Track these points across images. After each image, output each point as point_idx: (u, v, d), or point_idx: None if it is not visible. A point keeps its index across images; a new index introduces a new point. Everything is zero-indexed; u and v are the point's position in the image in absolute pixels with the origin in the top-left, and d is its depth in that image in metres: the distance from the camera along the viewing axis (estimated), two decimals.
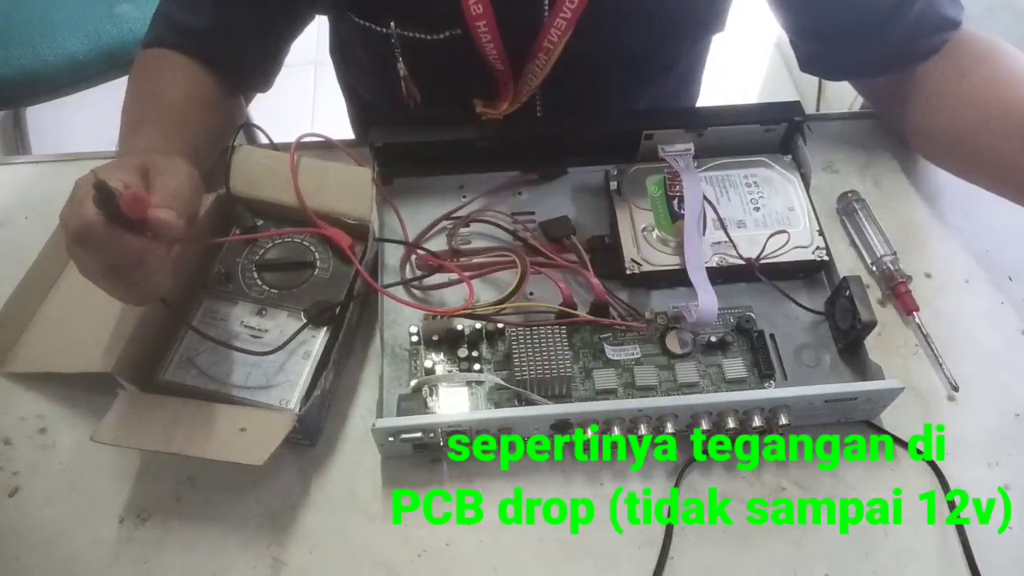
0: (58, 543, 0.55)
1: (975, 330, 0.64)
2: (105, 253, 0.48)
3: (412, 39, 0.66)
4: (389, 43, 0.67)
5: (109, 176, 0.46)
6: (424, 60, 0.68)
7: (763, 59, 1.89)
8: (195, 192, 0.52)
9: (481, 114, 0.70)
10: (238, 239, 0.63)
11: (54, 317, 0.62)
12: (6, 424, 0.60)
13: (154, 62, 0.68)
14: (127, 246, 0.47)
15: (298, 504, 0.56)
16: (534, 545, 0.54)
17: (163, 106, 0.65)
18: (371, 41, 0.68)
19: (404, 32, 0.66)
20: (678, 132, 0.68)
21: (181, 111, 0.65)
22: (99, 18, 1.20)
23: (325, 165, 0.64)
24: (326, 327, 0.59)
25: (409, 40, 0.66)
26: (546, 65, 0.66)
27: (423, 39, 0.66)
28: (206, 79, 0.68)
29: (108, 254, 0.48)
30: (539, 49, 0.65)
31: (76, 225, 0.46)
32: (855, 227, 0.69)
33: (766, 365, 0.60)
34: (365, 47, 0.74)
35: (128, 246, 0.47)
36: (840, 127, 0.77)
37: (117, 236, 0.46)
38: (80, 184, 0.49)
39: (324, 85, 1.91)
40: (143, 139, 0.61)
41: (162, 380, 0.57)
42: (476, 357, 0.60)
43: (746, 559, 0.54)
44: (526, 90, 0.69)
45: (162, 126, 0.63)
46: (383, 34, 0.67)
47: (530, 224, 0.67)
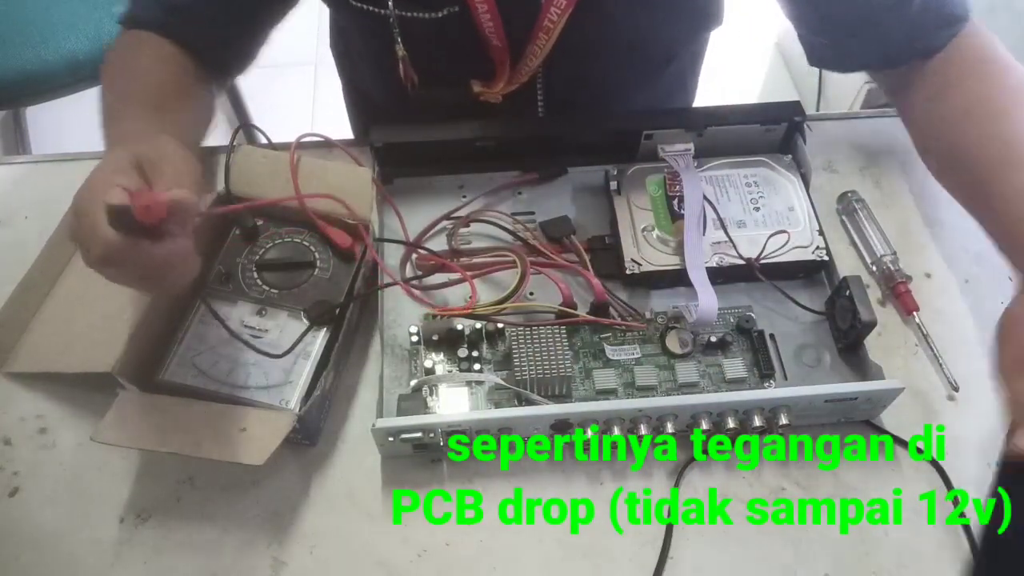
0: (58, 543, 0.55)
1: (975, 330, 0.64)
2: (133, 267, 0.48)
3: (411, 19, 0.66)
4: (387, 25, 0.67)
5: (107, 184, 0.47)
6: (422, 40, 0.68)
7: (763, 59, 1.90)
8: (192, 168, 0.53)
9: (479, 94, 0.70)
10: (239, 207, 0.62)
11: (54, 317, 0.62)
12: (6, 424, 0.60)
13: (132, 42, 0.68)
14: (155, 254, 0.47)
15: (298, 504, 0.56)
16: (534, 545, 0.54)
17: (144, 88, 0.64)
18: (369, 25, 0.68)
19: (403, 12, 0.66)
20: (678, 132, 0.68)
21: (161, 93, 0.64)
22: (99, 18, 1.20)
23: (325, 165, 0.64)
24: (326, 327, 0.59)
25: (408, 20, 0.66)
26: (546, 45, 0.66)
27: (422, 18, 0.66)
28: (185, 60, 0.67)
29: (136, 267, 0.48)
30: (539, 28, 0.65)
31: (99, 252, 0.46)
32: (855, 227, 0.69)
33: (766, 365, 0.60)
34: (363, 32, 0.73)
35: (156, 254, 0.47)
36: (840, 127, 0.77)
37: (142, 248, 0.47)
38: (84, 205, 0.48)
39: (324, 85, 1.91)
40: (127, 123, 0.60)
41: (162, 380, 0.57)
42: (476, 357, 0.60)
43: (746, 559, 0.54)
44: (525, 70, 0.68)
45: (144, 108, 0.62)
46: (381, 16, 0.66)
47: (530, 224, 0.67)
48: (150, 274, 0.49)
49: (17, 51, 1.16)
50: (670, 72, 0.80)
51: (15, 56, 1.16)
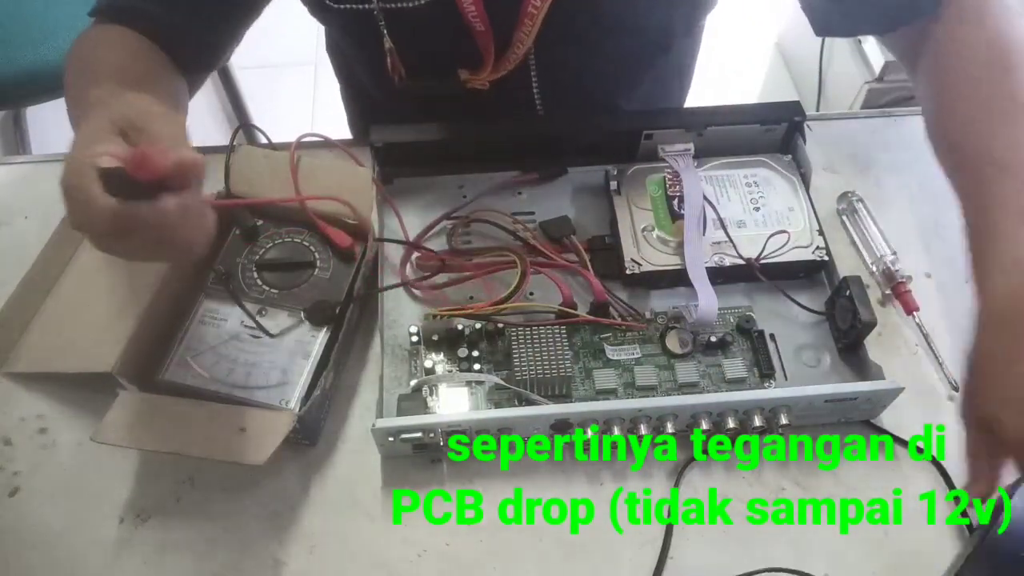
0: (58, 543, 0.55)
1: None
2: (143, 232, 0.44)
3: (395, 10, 0.66)
4: (373, 19, 0.67)
5: (91, 154, 0.43)
6: (408, 31, 0.68)
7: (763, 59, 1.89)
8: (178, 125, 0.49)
9: (466, 82, 0.70)
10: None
11: (54, 317, 0.62)
12: (6, 424, 0.60)
13: (101, 34, 0.66)
14: (164, 211, 0.43)
15: (298, 504, 0.56)
16: (534, 545, 0.54)
17: (115, 69, 0.61)
18: (356, 23, 0.68)
19: (387, 4, 0.66)
20: (678, 132, 0.68)
21: (134, 73, 0.61)
22: None
23: (325, 165, 0.64)
24: (326, 327, 0.59)
25: (393, 12, 0.66)
26: (532, 30, 0.66)
27: (406, 7, 0.66)
28: (157, 52, 0.66)
29: (146, 232, 0.44)
30: (524, 14, 0.65)
31: (101, 224, 0.43)
32: (855, 227, 0.69)
33: (766, 365, 0.60)
34: (350, 32, 0.73)
35: (165, 210, 0.43)
36: (840, 127, 0.77)
37: (146, 210, 0.43)
38: (72, 183, 0.44)
39: (324, 85, 1.91)
40: (96, 91, 0.56)
41: (162, 380, 0.57)
42: (476, 357, 0.60)
43: (746, 559, 0.54)
44: (513, 57, 0.68)
45: (117, 84, 0.58)
46: (366, 11, 0.66)
47: (530, 224, 0.67)
48: (163, 236, 0.45)
49: (17, 51, 1.16)
50: (667, 62, 0.80)
51: (15, 56, 1.16)
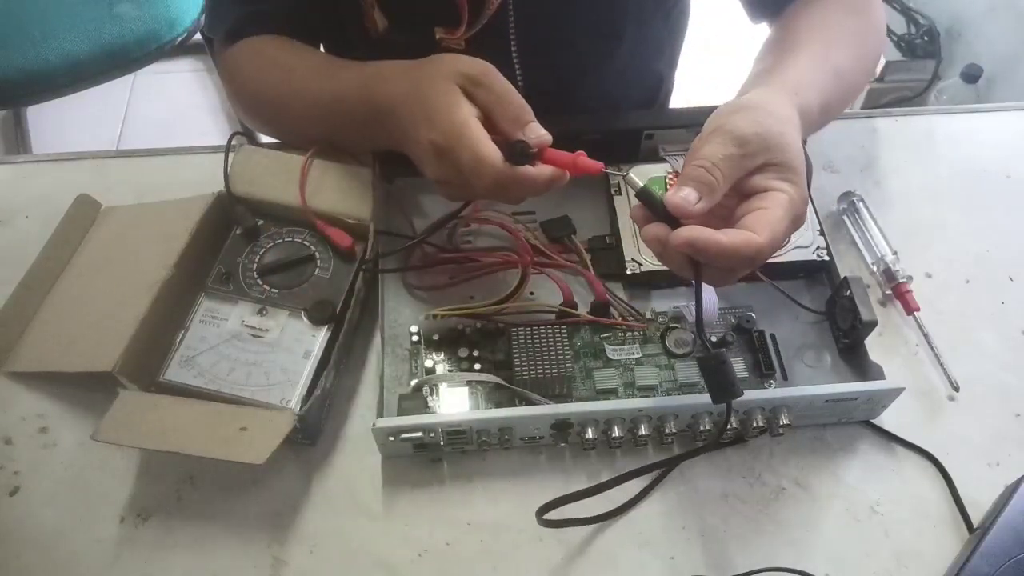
0: (58, 543, 0.55)
1: (975, 330, 0.64)
2: (517, 188, 0.54)
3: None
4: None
5: (472, 134, 0.52)
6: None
7: None
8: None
9: (440, 40, 0.70)
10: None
11: (54, 317, 0.62)
12: (6, 424, 0.60)
13: (261, 45, 0.69)
14: (537, 177, 0.54)
15: (298, 504, 0.56)
16: (534, 545, 0.54)
17: (326, 57, 0.68)
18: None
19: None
20: (678, 132, 0.68)
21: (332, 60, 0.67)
22: (99, 18, 1.20)
23: (325, 165, 0.64)
24: (327, 326, 0.59)
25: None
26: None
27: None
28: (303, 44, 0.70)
29: (520, 188, 0.54)
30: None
31: (489, 181, 0.53)
32: (856, 227, 0.69)
33: (766, 365, 0.60)
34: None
35: (540, 177, 0.54)
36: (840, 127, 0.77)
37: (534, 175, 0.54)
38: (451, 143, 0.53)
39: None
40: (362, 68, 0.63)
41: (162, 380, 0.57)
42: (476, 357, 0.60)
43: (746, 559, 0.54)
44: (485, 12, 0.68)
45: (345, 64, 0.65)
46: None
47: (530, 224, 0.67)
48: (526, 193, 0.55)
49: (17, 51, 1.16)
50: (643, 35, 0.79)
51: (15, 56, 1.16)
